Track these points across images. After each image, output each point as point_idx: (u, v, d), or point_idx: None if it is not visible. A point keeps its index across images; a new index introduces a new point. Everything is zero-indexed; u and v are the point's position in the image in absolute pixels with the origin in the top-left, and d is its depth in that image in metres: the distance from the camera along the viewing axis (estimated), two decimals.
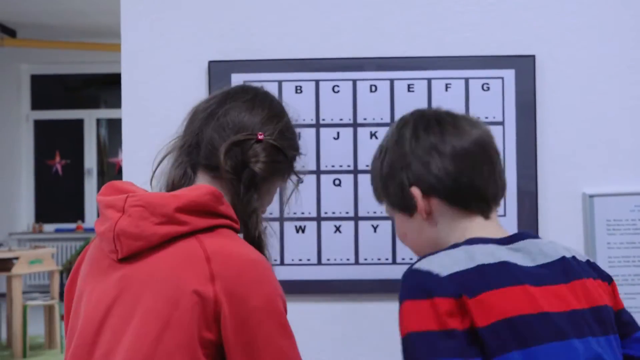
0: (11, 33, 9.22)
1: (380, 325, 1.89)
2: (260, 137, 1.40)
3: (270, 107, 1.44)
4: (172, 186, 1.40)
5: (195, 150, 1.41)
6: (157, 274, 1.28)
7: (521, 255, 1.33)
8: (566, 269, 1.34)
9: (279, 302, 1.31)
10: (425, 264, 1.29)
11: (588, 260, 1.40)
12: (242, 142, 1.38)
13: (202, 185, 1.34)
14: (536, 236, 1.43)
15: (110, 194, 1.35)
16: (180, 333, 1.24)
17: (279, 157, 1.42)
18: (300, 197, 1.54)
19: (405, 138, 1.39)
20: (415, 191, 1.36)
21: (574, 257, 1.37)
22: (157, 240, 1.29)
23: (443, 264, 1.28)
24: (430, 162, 1.35)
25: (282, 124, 1.44)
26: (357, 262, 1.88)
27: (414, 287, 1.27)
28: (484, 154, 1.38)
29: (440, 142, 1.36)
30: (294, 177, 1.50)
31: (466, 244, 1.33)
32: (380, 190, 1.44)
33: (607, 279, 1.39)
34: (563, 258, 1.35)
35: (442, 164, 1.35)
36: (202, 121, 1.42)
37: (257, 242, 1.38)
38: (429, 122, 1.40)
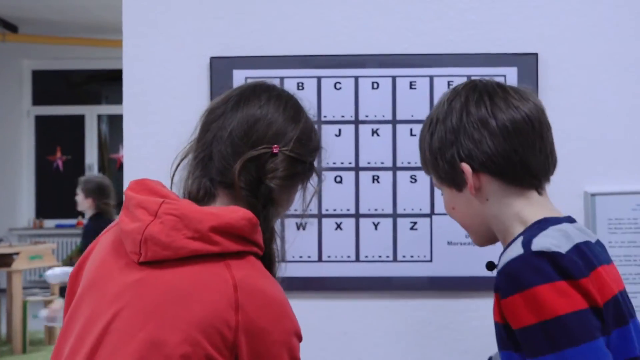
0: (13, 28, 9.22)
1: (380, 323, 1.89)
2: (275, 150, 1.33)
3: (284, 111, 1.37)
4: (189, 198, 1.36)
5: (209, 163, 1.35)
6: (180, 287, 1.25)
7: (586, 235, 1.34)
8: (605, 250, 1.38)
9: (294, 338, 1.30)
10: (547, 244, 1.24)
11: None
12: (257, 158, 1.33)
13: (240, 209, 1.29)
14: None
15: (141, 192, 1.31)
16: (192, 348, 1.22)
17: (297, 167, 1.36)
18: (315, 195, 1.47)
19: (455, 111, 1.36)
20: (466, 167, 1.34)
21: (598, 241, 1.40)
22: (184, 254, 1.25)
23: (557, 244, 1.25)
24: (481, 139, 1.33)
25: (299, 130, 1.36)
26: (357, 260, 1.88)
27: (548, 269, 1.22)
28: (534, 129, 1.35)
29: (490, 117, 1.33)
30: (314, 177, 1.43)
31: (552, 223, 1.31)
32: (429, 164, 1.40)
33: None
34: (598, 240, 1.39)
35: (492, 141, 1.32)
36: (215, 132, 1.36)
37: (268, 258, 1.34)
38: (481, 96, 1.36)
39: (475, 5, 1.89)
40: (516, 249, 1.26)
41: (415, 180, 1.87)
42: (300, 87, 1.89)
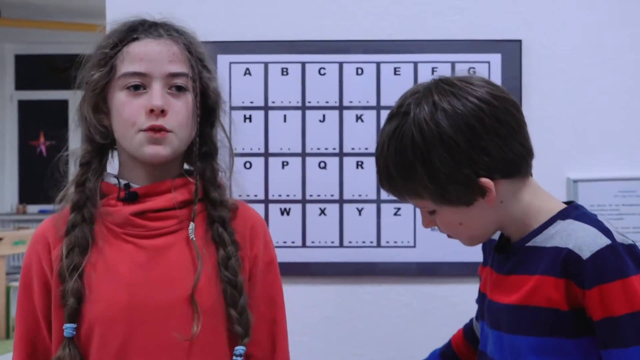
0: None
1: (363, 308, 1.89)
2: None
3: None
4: None
5: None
6: None
7: None
8: None
9: None
10: (620, 235, 1.25)
11: None
12: None
13: None
14: None
15: None
16: None
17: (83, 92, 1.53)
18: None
19: (453, 129, 1.25)
20: (487, 182, 1.26)
21: None
22: None
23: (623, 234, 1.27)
24: (496, 148, 1.25)
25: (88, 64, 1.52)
26: (341, 245, 1.88)
27: (632, 260, 1.23)
28: (521, 115, 1.31)
29: (493, 121, 1.26)
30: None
31: (585, 210, 1.31)
32: (427, 191, 1.28)
33: None
34: None
35: (506, 144, 1.26)
36: None
37: None
38: (468, 101, 1.26)
39: None
40: (594, 237, 1.23)
41: None
42: (285, 73, 1.88)
